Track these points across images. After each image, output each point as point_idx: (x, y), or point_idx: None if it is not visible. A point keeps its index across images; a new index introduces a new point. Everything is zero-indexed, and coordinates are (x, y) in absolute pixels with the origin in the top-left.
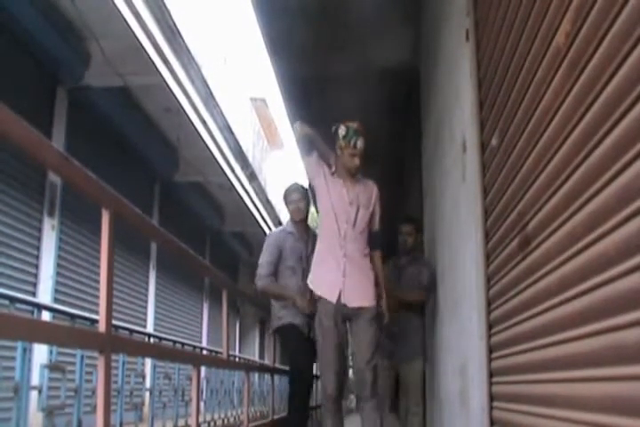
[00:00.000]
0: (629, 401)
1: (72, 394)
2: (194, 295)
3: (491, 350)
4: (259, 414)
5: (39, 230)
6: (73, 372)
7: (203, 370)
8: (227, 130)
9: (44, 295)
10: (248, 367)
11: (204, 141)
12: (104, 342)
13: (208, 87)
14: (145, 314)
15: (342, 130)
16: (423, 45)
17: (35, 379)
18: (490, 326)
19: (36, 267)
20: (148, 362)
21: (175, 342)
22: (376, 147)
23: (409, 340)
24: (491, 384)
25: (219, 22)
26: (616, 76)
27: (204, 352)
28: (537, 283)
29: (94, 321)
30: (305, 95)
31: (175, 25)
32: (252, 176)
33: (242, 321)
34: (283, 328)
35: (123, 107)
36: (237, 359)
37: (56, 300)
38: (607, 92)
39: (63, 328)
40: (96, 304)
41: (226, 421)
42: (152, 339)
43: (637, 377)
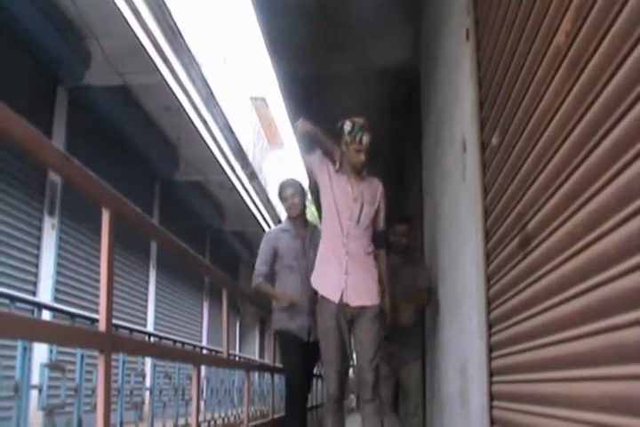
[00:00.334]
0: (629, 400)
1: (72, 393)
2: (194, 294)
3: (491, 350)
4: (259, 413)
5: (39, 229)
6: (73, 371)
7: (203, 369)
8: (227, 129)
9: (45, 294)
10: (248, 367)
11: (205, 141)
12: (104, 342)
13: (208, 86)
14: (145, 313)
15: (348, 125)
16: (423, 45)
17: (35, 378)
18: (490, 326)
19: (37, 266)
20: (149, 361)
21: (175, 342)
22: (376, 146)
23: (409, 343)
24: (491, 384)
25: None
26: (616, 75)
27: (205, 351)
28: (537, 282)
29: (94, 320)
30: (305, 95)
31: (175, 24)
32: (253, 175)
33: (242, 320)
34: (279, 332)
35: (123, 106)
36: (237, 359)
37: (56, 299)
38: (607, 91)
39: (63, 327)
40: (96, 303)
41: (226, 420)
42: (152, 338)
43: (637, 377)
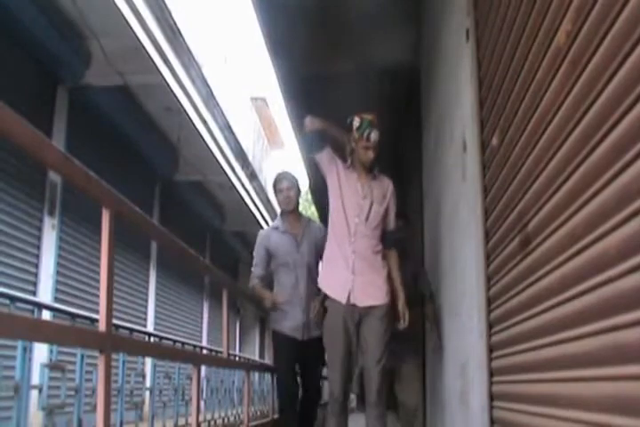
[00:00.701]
0: (629, 401)
1: (72, 393)
2: (194, 294)
3: (491, 350)
4: (259, 413)
5: (39, 230)
6: (73, 371)
7: (203, 369)
8: (227, 129)
9: (45, 294)
10: (248, 367)
11: (205, 141)
12: (104, 342)
13: (208, 87)
14: (145, 313)
15: (356, 122)
16: (423, 45)
17: (35, 378)
18: (490, 326)
19: (37, 266)
20: (149, 361)
21: (175, 342)
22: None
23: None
24: (491, 384)
25: (219, 21)
26: (616, 75)
27: (205, 351)
28: (537, 282)
29: (95, 320)
30: (305, 95)
31: (176, 24)
32: (253, 175)
33: (242, 320)
34: (273, 332)
35: (123, 106)
36: (237, 359)
37: (56, 299)
38: (607, 91)
39: (63, 327)
40: (96, 303)
41: (226, 420)
42: (152, 338)
43: (638, 377)
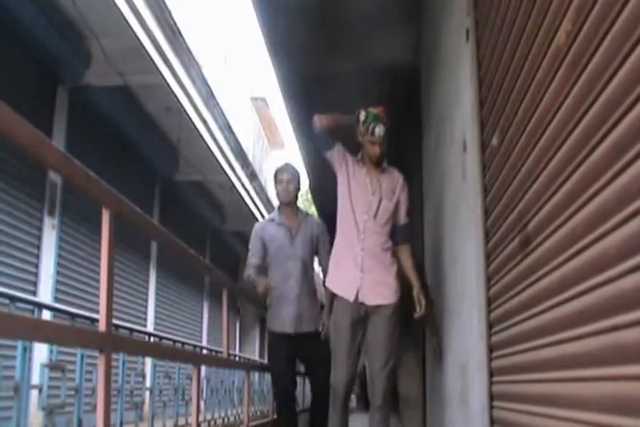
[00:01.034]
0: (630, 401)
1: (72, 393)
2: (194, 294)
3: (491, 350)
4: (259, 413)
5: (39, 229)
6: (73, 371)
7: (203, 369)
8: (227, 129)
9: (45, 294)
10: (248, 367)
11: (205, 141)
12: (104, 342)
13: (209, 87)
14: (145, 313)
15: (362, 115)
16: (423, 45)
17: (35, 378)
18: (490, 326)
19: (37, 266)
20: (149, 361)
21: (175, 342)
22: None
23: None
24: (491, 384)
25: (219, 21)
26: (616, 75)
27: (205, 351)
28: (537, 282)
29: (95, 320)
30: (305, 95)
31: (176, 24)
32: (253, 175)
33: (242, 320)
34: (268, 331)
35: (123, 106)
36: (238, 359)
37: (56, 299)
38: (607, 92)
39: (63, 327)
40: (96, 303)
41: (226, 420)
42: (152, 338)
43: (638, 377)
